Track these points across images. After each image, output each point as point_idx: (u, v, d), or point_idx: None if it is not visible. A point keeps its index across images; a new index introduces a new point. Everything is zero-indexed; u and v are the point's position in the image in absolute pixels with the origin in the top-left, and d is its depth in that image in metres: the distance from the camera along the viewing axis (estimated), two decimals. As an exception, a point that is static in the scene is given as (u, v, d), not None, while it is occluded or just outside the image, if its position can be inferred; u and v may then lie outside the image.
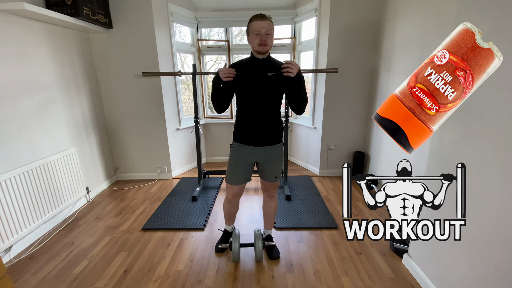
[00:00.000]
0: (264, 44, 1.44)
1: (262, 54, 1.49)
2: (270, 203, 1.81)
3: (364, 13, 2.73)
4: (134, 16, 2.71)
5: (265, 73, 1.50)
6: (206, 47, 3.50)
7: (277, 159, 1.65)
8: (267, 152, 1.60)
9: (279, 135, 1.63)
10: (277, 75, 1.51)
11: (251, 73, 1.52)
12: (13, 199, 1.85)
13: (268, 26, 1.43)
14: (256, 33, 1.44)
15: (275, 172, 1.66)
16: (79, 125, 2.60)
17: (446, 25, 1.79)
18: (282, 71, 1.46)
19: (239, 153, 1.63)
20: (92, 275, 1.69)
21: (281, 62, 1.55)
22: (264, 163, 1.64)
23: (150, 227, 2.21)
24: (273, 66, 1.53)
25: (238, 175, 1.66)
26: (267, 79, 1.50)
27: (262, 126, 1.56)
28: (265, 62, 1.52)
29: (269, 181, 1.70)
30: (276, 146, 1.62)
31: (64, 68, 2.40)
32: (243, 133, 1.59)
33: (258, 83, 1.51)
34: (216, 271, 1.72)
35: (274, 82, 1.51)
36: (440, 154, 1.42)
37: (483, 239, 1.16)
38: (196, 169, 3.60)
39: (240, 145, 1.61)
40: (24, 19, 1.99)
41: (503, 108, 1.06)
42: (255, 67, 1.52)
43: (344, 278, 1.64)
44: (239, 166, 1.64)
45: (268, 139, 1.58)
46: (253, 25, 1.44)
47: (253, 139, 1.57)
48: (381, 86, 2.74)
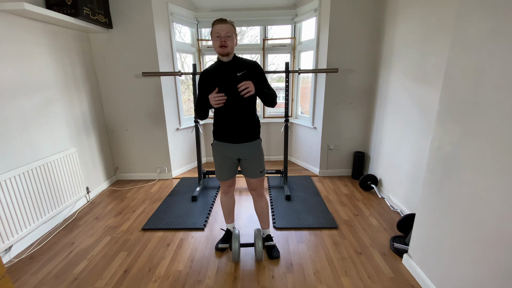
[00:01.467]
0: (224, 45, 1.48)
1: (225, 56, 1.53)
2: (261, 203, 1.84)
3: (364, 13, 2.73)
4: (134, 16, 2.71)
5: (234, 74, 1.55)
6: (206, 47, 3.50)
7: (257, 154, 1.70)
8: (246, 148, 1.66)
9: (256, 132, 1.68)
10: (246, 74, 1.56)
11: (220, 76, 1.57)
12: (13, 199, 1.86)
13: (228, 29, 1.47)
14: (216, 35, 1.48)
15: (259, 167, 1.71)
16: (79, 125, 2.60)
17: (446, 25, 1.79)
18: (241, 93, 1.46)
19: (220, 151, 1.70)
20: (92, 275, 1.70)
21: (248, 61, 1.60)
22: (246, 159, 1.69)
23: (150, 227, 2.21)
24: (241, 65, 1.58)
25: (224, 171, 1.74)
26: (237, 79, 1.55)
27: (239, 124, 1.61)
28: (232, 63, 1.57)
29: (255, 177, 1.73)
30: (255, 142, 1.68)
31: (64, 68, 2.40)
32: (222, 132, 1.65)
33: (228, 84, 1.55)
34: (216, 271, 1.72)
35: (245, 80, 1.55)
36: (440, 154, 1.42)
37: (483, 239, 1.16)
38: (196, 169, 3.60)
39: (220, 143, 1.69)
40: (24, 19, 1.99)
41: (503, 108, 1.06)
42: (223, 70, 1.57)
43: (344, 278, 1.64)
44: (223, 163, 1.72)
45: (245, 136, 1.63)
46: (214, 28, 1.49)
47: (231, 136, 1.63)
48: (381, 86, 2.74)
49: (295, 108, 3.69)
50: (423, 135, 2.06)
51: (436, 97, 1.90)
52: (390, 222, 2.24)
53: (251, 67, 1.59)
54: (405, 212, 2.30)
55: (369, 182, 2.80)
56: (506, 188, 1.05)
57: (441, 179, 1.42)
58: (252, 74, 1.58)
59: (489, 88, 1.13)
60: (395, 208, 2.43)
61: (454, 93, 1.32)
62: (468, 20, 1.23)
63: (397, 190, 2.44)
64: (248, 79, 1.56)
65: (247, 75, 1.56)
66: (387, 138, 2.63)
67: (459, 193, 1.29)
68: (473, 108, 1.20)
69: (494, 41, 1.10)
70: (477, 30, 1.18)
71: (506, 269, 1.06)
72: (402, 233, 2.05)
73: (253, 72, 1.59)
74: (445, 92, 1.38)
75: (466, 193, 1.25)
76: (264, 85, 1.62)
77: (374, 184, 2.80)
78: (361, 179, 2.83)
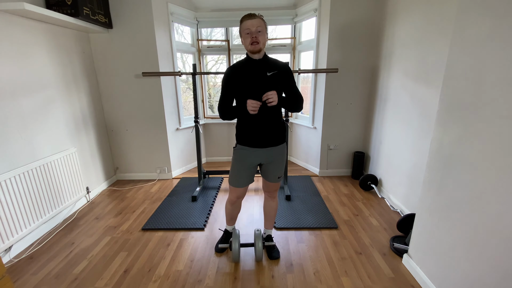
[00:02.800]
0: (256, 42, 1.41)
1: (256, 53, 1.46)
2: (271, 203, 1.82)
3: (364, 13, 2.73)
4: (134, 16, 2.71)
5: (264, 73, 1.48)
6: (206, 47, 3.50)
7: (281, 159, 1.64)
8: (271, 153, 1.60)
9: (282, 135, 1.62)
10: (276, 74, 1.49)
11: (249, 74, 1.49)
12: (13, 199, 1.86)
13: (258, 23, 1.40)
14: (247, 32, 1.41)
15: (278, 173, 1.66)
16: (79, 125, 2.60)
17: (446, 25, 1.79)
18: (266, 102, 1.43)
19: (243, 156, 1.60)
20: (92, 275, 1.69)
21: (279, 61, 1.55)
22: (268, 164, 1.64)
23: (150, 227, 2.21)
24: (271, 65, 1.51)
25: (242, 178, 1.65)
26: (266, 79, 1.48)
27: (266, 127, 1.54)
28: (262, 62, 1.50)
29: (272, 182, 1.70)
30: (280, 147, 1.62)
31: (64, 68, 2.40)
32: (247, 136, 1.56)
33: (257, 83, 1.48)
34: (216, 271, 1.72)
35: (274, 82, 1.49)
36: (440, 154, 1.42)
37: (483, 239, 1.16)
38: (196, 169, 3.60)
39: (244, 148, 1.59)
40: (24, 19, 1.99)
41: (503, 108, 1.06)
42: (252, 68, 1.49)
43: (344, 278, 1.64)
44: (243, 169, 1.62)
45: (272, 140, 1.57)
46: (243, 25, 1.42)
47: (258, 141, 1.55)
48: (381, 86, 2.74)
49: (295, 108, 3.68)
50: (423, 135, 2.06)
51: (436, 97, 1.90)
52: (390, 222, 2.24)
53: (281, 68, 1.52)
54: (405, 212, 2.30)
55: (369, 182, 2.80)
56: (506, 188, 1.05)
57: (441, 179, 1.42)
58: (282, 75, 1.51)
59: (489, 88, 1.13)
60: (395, 208, 2.43)
61: (454, 93, 1.32)
62: (468, 20, 1.23)
63: (397, 190, 2.44)
64: (277, 80, 1.50)
65: (277, 76, 1.49)
66: (387, 138, 2.63)
67: (459, 193, 1.29)
68: (473, 108, 1.20)
69: (494, 41, 1.10)
70: (477, 30, 1.18)
71: (506, 269, 1.06)
72: (402, 233, 2.05)
73: (284, 74, 1.52)
74: (445, 92, 1.38)
75: (466, 193, 1.25)
76: (292, 88, 1.55)
77: (374, 184, 2.80)
78: (361, 179, 2.83)
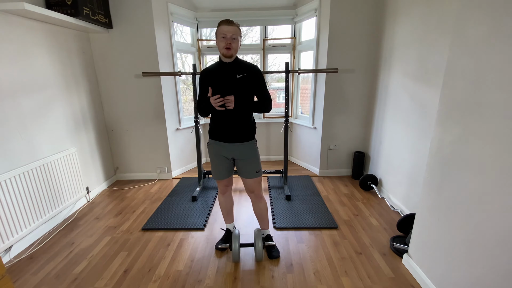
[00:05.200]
0: (229, 47, 1.49)
1: (228, 57, 1.54)
2: (259, 205, 1.84)
3: (364, 13, 2.73)
4: (134, 16, 2.71)
5: (234, 76, 1.57)
6: (206, 47, 3.50)
7: (252, 154, 1.70)
8: (240, 148, 1.67)
9: (251, 133, 1.69)
10: (245, 77, 1.58)
11: (220, 76, 1.58)
12: (13, 199, 1.86)
13: (234, 31, 1.49)
14: (222, 36, 1.49)
15: (255, 167, 1.71)
16: (79, 125, 2.60)
17: (446, 25, 1.79)
18: (218, 104, 1.50)
19: (215, 150, 1.71)
20: (92, 275, 1.69)
21: (249, 64, 1.62)
22: (241, 159, 1.70)
23: (150, 227, 2.21)
24: (242, 68, 1.59)
25: (220, 170, 1.75)
26: (236, 81, 1.57)
27: (234, 125, 1.62)
28: (233, 64, 1.58)
29: (252, 177, 1.73)
30: (249, 143, 1.69)
31: (64, 68, 2.40)
32: (217, 131, 1.67)
33: (227, 85, 1.56)
34: (216, 271, 1.72)
35: (243, 84, 1.58)
36: (440, 154, 1.42)
37: (483, 239, 1.16)
38: (196, 169, 3.60)
39: (215, 142, 1.70)
40: (24, 19, 1.99)
41: (503, 108, 1.06)
42: (224, 71, 1.58)
43: (344, 278, 1.64)
44: (219, 162, 1.73)
45: (239, 137, 1.65)
46: (220, 29, 1.50)
47: (226, 136, 1.65)
48: (381, 86, 2.74)
49: (295, 108, 3.69)
50: (423, 135, 2.06)
51: (436, 97, 1.90)
52: (390, 222, 2.24)
53: (251, 70, 1.60)
54: (405, 212, 2.30)
55: (369, 182, 2.80)
56: (506, 188, 1.05)
57: (441, 179, 1.42)
58: (251, 77, 1.59)
59: (489, 88, 1.13)
60: (395, 208, 2.43)
61: (454, 93, 1.32)
62: (468, 20, 1.23)
63: (397, 190, 2.44)
64: (247, 82, 1.58)
65: (247, 78, 1.58)
66: (387, 138, 2.63)
67: (459, 193, 1.29)
68: (473, 108, 1.20)
69: (494, 41, 1.10)
70: (477, 30, 1.18)
71: (505, 269, 1.06)
72: (402, 233, 2.05)
73: (253, 76, 1.60)
74: (445, 92, 1.38)
75: (466, 193, 1.25)
76: (261, 90, 1.65)
77: (374, 184, 2.80)
78: (361, 179, 2.83)
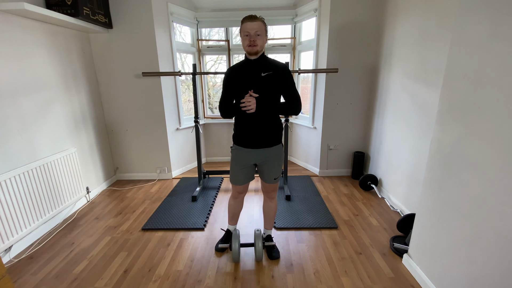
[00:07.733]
0: (254, 44, 1.43)
1: (253, 54, 1.48)
2: (270, 204, 1.82)
3: (364, 13, 2.73)
4: (134, 16, 2.71)
5: (259, 74, 1.49)
6: (206, 47, 3.50)
7: (276, 160, 1.64)
8: (265, 154, 1.60)
9: (278, 137, 1.61)
10: (271, 75, 1.49)
11: (245, 74, 1.51)
12: (13, 199, 1.86)
13: (257, 27, 1.42)
14: (246, 34, 1.44)
15: (274, 174, 1.66)
16: (79, 125, 2.60)
17: (446, 25, 1.79)
18: (242, 109, 1.46)
19: (238, 156, 1.64)
20: (92, 275, 1.69)
21: (277, 62, 1.54)
22: (263, 164, 1.64)
23: (150, 227, 2.21)
24: (267, 66, 1.51)
25: (240, 176, 1.69)
26: (261, 79, 1.49)
27: (260, 128, 1.54)
28: (258, 62, 1.51)
29: (268, 183, 1.70)
30: (275, 148, 1.61)
31: (64, 68, 2.40)
32: (242, 136, 1.59)
33: (252, 84, 1.49)
34: (216, 271, 1.72)
35: (268, 82, 1.49)
36: (440, 154, 1.42)
37: (483, 239, 1.16)
38: (196, 169, 3.60)
39: (239, 148, 1.62)
40: (24, 19, 1.99)
41: (503, 108, 1.06)
42: (248, 69, 1.51)
43: (344, 278, 1.64)
44: (239, 168, 1.66)
45: (266, 141, 1.57)
46: (244, 26, 1.44)
47: (251, 141, 1.57)
48: (381, 86, 2.74)
49: (295, 108, 3.68)
50: (423, 135, 2.06)
51: (436, 97, 1.90)
52: (390, 222, 2.24)
53: (277, 68, 1.50)
54: (405, 212, 2.30)
55: (369, 182, 2.80)
56: (506, 188, 1.05)
57: (441, 179, 1.42)
58: (277, 76, 1.49)
59: (489, 88, 1.13)
60: (395, 208, 2.43)
61: (454, 93, 1.32)
62: (468, 20, 1.23)
63: (397, 190, 2.44)
64: (272, 80, 1.49)
65: (272, 77, 1.49)
66: (387, 138, 2.63)
67: (459, 193, 1.29)
68: (473, 108, 1.20)
69: (494, 41, 1.10)
70: (477, 30, 1.18)
71: (505, 269, 1.06)
72: (402, 233, 2.05)
73: (279, 74, 1.50)
74: (445, 92, 1.38)
75: (466, 193, 1.25)
76: (288, 89, 1.53)
77: (374, 184, 2.80)
78: (361, 179, 2.83)
